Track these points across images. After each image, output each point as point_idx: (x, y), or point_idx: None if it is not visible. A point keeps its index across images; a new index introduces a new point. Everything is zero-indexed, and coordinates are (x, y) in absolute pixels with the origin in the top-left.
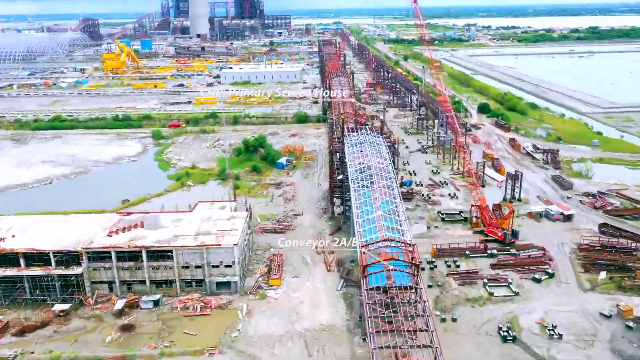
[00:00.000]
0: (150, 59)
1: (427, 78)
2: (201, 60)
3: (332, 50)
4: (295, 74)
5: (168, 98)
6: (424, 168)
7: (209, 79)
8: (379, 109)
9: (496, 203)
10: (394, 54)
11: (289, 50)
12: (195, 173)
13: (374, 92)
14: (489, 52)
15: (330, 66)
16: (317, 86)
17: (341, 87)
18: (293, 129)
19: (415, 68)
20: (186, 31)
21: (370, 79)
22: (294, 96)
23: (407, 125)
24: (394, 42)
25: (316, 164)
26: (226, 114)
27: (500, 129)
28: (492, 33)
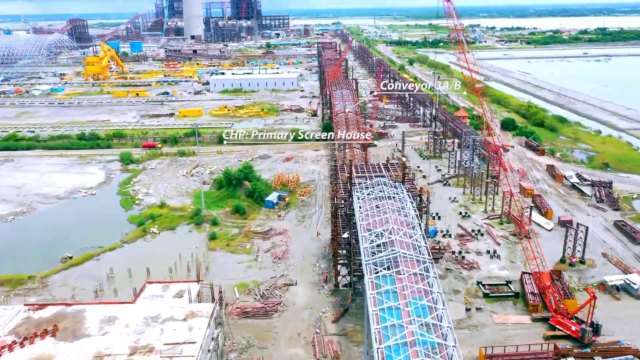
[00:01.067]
0: (138, 63)
1: (430, 82)
2: (192, 65)
3: (332, 55)
4: (292, 81)
5: (148, 109)
6: (450, 208)
7: (198, 86)
8: (388, 124)
9: (554, 269)
10: (397, 57)
11: (286, 53)
12: (163, 215)
13: (379, 103)
14: (498, 55)
15: (331, 75)
16: (315, 95)
17: (344, 101)
18: (287, 150)
19: (422, 74)
20: (180, 32)
21: (375, 87)
22: (290, 107)
23: (422, 146)
24: (397, 44)
25: (314, 200)
26: (211, 131)
27: (532, 152)
28: (497, 34)
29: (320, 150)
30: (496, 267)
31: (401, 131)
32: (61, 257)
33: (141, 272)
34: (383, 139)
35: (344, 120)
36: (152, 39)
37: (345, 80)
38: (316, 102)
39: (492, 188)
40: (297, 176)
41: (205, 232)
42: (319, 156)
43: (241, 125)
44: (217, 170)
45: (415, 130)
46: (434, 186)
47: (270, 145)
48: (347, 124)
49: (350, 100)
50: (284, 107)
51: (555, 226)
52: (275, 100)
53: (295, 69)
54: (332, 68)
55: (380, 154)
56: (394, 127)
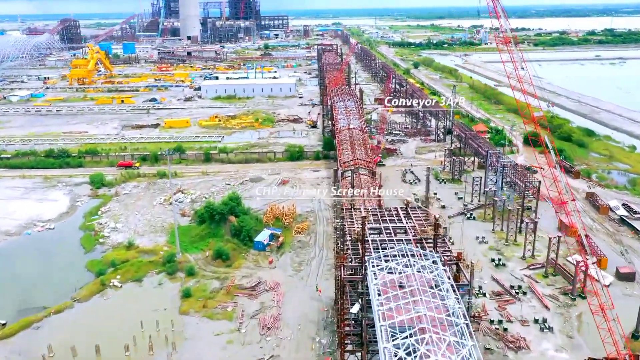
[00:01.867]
0: (129, 65)
1: (439, 87)
2: (185, 67)
3: (333, 59)
4: (290, 87)
5: (132, 119)
6: (479, 252)
7: (189, 91)
8: (396, 138)
9: (632, 354)
10: (401, 59)
11: (285, 55)
12: (129, 260)
13: (386, 113)
14: (505, 58)
15: (333, 82)
16: (315, 103)
17: (348, 115)
18: (283, 170)
19: (429, 78)
20: (177, 33)
21: (381, 94)
22: (287, 117)
23: (437, 167)
24: (399, 46)
25: (313, 239)
26: (198, 146)
27: (565, 174)
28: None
29: (320, 170)
30: (551, 347)
31: (411, 147)
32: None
33: (89, 349)
34: (392, 156)
35: (348, 138)
36: (147, 39)
37: (349, 89)
38: (316, 112)
39: (529, 225)
40: (293, 208)
41: (179, 284)
42: (319, 179)
43: (233, 138)
44: (200, 198)
45: (428, 146)
46: (455, 219)
47: (264, 163)
48: (352, 143)
49: (356, 113)
50: (281, 117)
51: (613, 280)
52: (272, 109)
53: (294, 72)
54: (333, 73)
55: (389, 175)
56: (403, 142)
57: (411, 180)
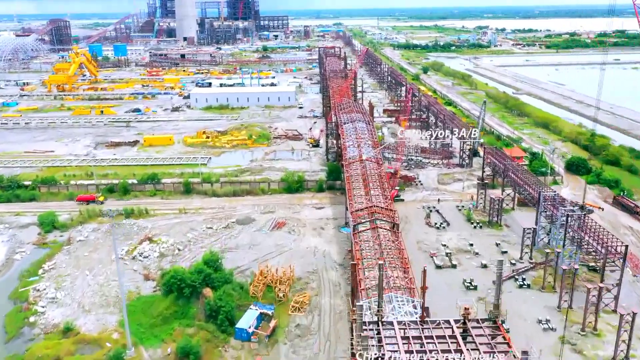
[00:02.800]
0: (119, 69)
1: (453, 95)
2: (177, 72)
3: (336, 64)
4: (289, 96)
5: (109, 134)
6: (545, 345)
7: (177, 100)
8: (413, 161)
9: None
10: (407, 62)
11: (284, 58)
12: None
13: (402, 132)
14: (519, 62)
15: (337, 94)
16: (317, 115)
17: (359, 140)
18: (279, 206)
19: (440, 84)
20: (173, 34)
21: (390, 104)
22: (285, 133)
23: (468, 204)
24: (404, 48)
25: (317, 322)
26: (179, 171)
27: (629, 215)
28: (511, 37)
29: (325, 208)
30: None
31: (432, 175)
32: None
33: None
34: (409, 186)
35: (360, 174)
36: (142, 40)
37: (357, 105)
38: (318, 127)
39: (622, 316)
40: (290, 272)
41: None
42: (323, 219)
43: (222, 160)
44: (172, 250)
45: (452, 172)
46: (504, 287)
47: (256, 197)
48: (366, 181)
49: (368, 139)
50: (278, 133)
51: None
52: (268, 121)
53: (293, 78)
54: (337, 82)
55: (409, 215)
56: (421, 167)
57: (438, 223)
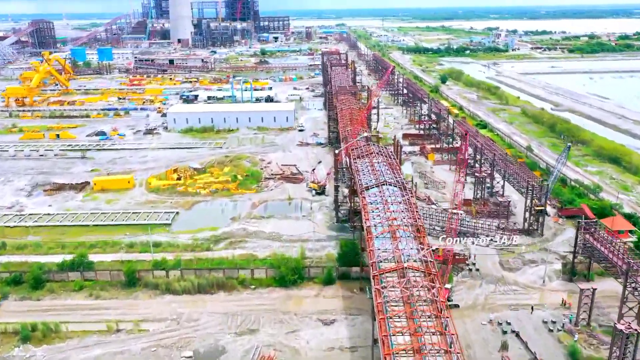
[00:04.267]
0: (99, 76)
1: (483, 113)
2: (163, 80)
3: (344, 76)
4: (287, 116)
5: (57, 170)
6: None
7: (155, 117)
8: (454, 217)
9: None
10: (420, 70)
11: (283, 64)
12: None
13: (424, 160)
14: (544, 68)
15: (350, 123)
16: (321, 141)
17: (386, 206)
18: (265, 319)
19: (463, 98)
20: (167, 35)
21: (409, 125)
22: (281, 171)
23: (560, 317)
24: (414, 52)
25: None
26: (127, 241)
27: None
28: (527, 40)
29: (337, 322)
30: None
31: (488, 252)
32: None
33: None
34: (458, 269)
35: (402, 301)
36: (134, 42)
37: (381, 149)
38: (324, 169)
39: None
40: None
41: None
42: (335, 351)
43: (192, 216)
44: None
45: (518, 248)
46: None
47: (232, 296)
48: (403, 276)
49: (405, 218)
50: (272, 170)
51: None
52: (260, 151)
53: (293, 89)
54: (347, 103)
55: (471, 337)
56: (469, 234)
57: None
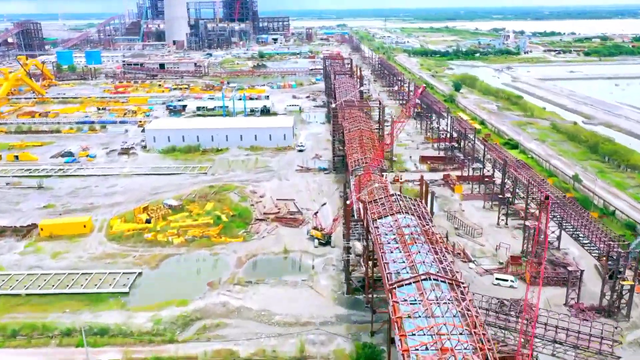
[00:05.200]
0: (83, 82)
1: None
2: (152, 86)
3: (351, 87)
4: (285, 133)
5: (2, 205)
6: None
7: (134, 133)
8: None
9: None
10: (430, 74)
11: (282, 69)
12: None
13: (450, 192)
14: (562, 73)
15: (363, 152)
16: (325, 167)
17: (438, 302)
18: None
19: (484, 110)
20: (162, 36)
21: (426, 145)
22: (276, 208)
23: None
24: (421, 55)
25: None
26: (70, 322)
27: None
28: (537, 42)
29: None
30: None
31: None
32: None
33: None
34: None
35: None
36: (126, 44)
37: (407, 201)
38: (329, 208)
39: None
40: None
41: None
42: None
43: (157, 279)
44: None
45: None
46: None
47: None
48: None
49: (448, 298)
50: (264, 208)
51: None
52: (252, 178)
53: (292, 98)
54: (357, 124)
55: None
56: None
57: None
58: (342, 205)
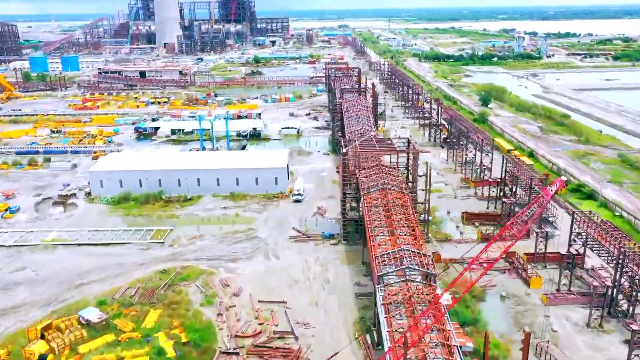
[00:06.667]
0: (49, 93)
1: (568, 163)
2: (127, 99)
3: (361, 109)
4: (277, 176)
5: None
6: None
7: (85, 168)
8: None
9: None
10: (447, 84)
11: (279, 77)
12: None
13: (507, 269)
14: (595, 81)
15: (404, 287)
16: (334, 234)
17: None
18: None
19: (525, 133)
20: (153, 39)
21: (465, 190)
22: (254, 331)
23: None
24: (433, 59)
25: None
26: None
27: None
28: (556, 43)
29: None
30: None
31: None
32: None
33: None
34: None
35: None
36: (112, 48)
37: None
38: (349, 350)
39: None
40: None
41: None
42: None
43: None
44: None
45: None
46: None
47: None
48: None
49: None
50: (236, 326)
51: None
52: (226, 254)
53: (289, 115)
54: (378, 179)
55: None
56: None
57: None
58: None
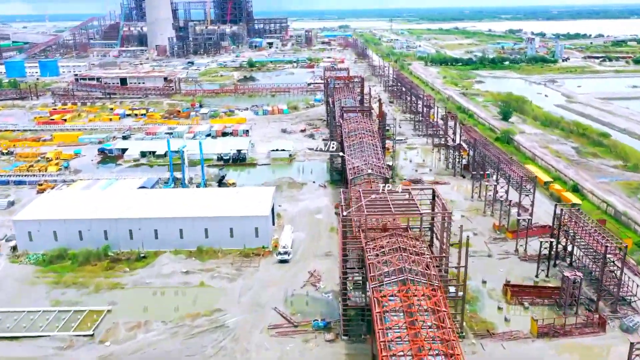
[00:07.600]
0: (18, 103)
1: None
2: (101, 111)
3: (366, 134)
4: (257, 226)
5: None
6: None
7: (29, 201)
8: None
9: None
10: (459, 92)
11: (273, 85)
12: None
13: None
14: (621, 88)
15: None
16: (333, 326)
17: None
18: None
19: (554, 154)
20: (145, 40)
21: (498, 241)
22: None
23: None
24: (440, 63)
25: None
26: None
27: None
28: (569, 45)
29: None
30: None
31: None
32: None
33: None
34: None
35: None
36: (100, 50)
37: None
38: None
39: None
40: None
41: None
42: None
43: None
44: None
45: None
46: None
47: None
48: None
49: None
50: None
51: None
52: (180, 358)
53: (281, 131)
54: (377, 209)
55: None
56: None
57: None
58: None
